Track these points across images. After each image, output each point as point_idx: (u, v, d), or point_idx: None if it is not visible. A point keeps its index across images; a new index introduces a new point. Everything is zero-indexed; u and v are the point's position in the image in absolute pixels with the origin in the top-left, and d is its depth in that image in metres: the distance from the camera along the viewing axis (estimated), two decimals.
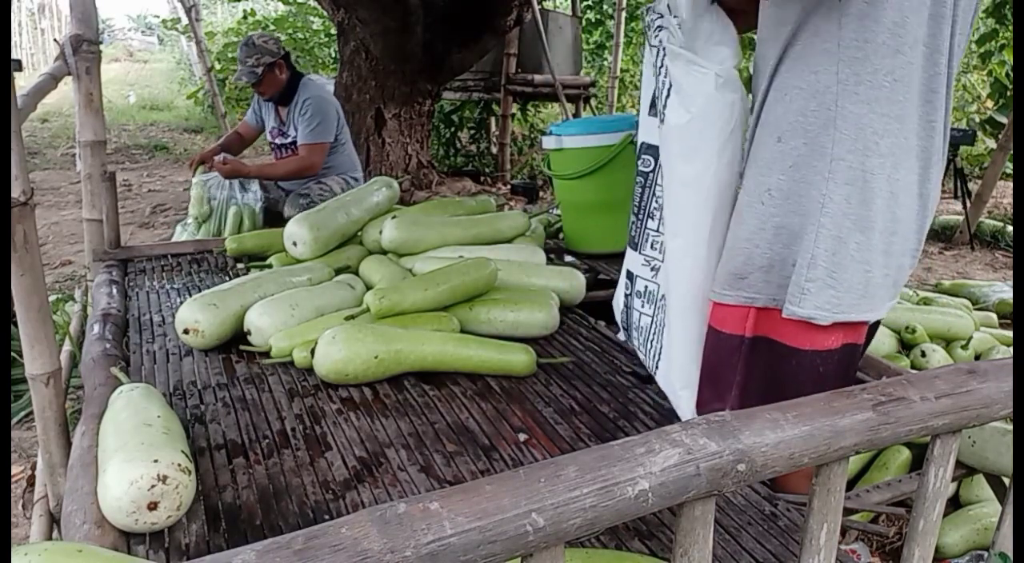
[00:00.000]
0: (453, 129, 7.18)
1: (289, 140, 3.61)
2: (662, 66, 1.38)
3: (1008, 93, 5.73)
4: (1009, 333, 2.97)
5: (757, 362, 1.29)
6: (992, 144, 6.12)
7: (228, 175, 3.41)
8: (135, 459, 1.13)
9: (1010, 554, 1.00)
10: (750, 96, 1.35)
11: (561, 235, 3.00)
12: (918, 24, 1.13)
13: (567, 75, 6.64)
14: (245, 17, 9.76)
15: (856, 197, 1.17)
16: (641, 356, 1.65)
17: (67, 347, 2.24)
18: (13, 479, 2.15)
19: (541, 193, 6.07)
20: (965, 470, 1.81)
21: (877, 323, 1.44)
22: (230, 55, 9.09)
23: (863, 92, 1.13)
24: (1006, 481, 1.76)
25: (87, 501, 1.15)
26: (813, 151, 1.17)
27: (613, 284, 2.67)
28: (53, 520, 1.60)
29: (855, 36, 1.12)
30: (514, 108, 6.95)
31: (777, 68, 1.22)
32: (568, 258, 2.84)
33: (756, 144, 1.27)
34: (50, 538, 1.60)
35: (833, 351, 1.25)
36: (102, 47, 2.49)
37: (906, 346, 2.68)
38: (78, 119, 2.42)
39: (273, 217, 3.51)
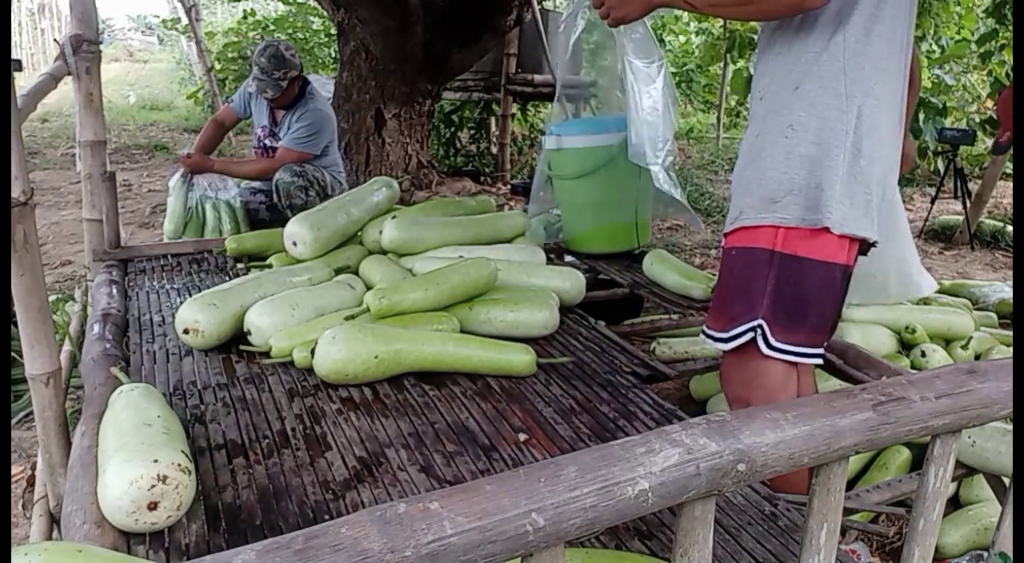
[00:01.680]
0: (453, 129, 7.16)
1: (279, 143, 3.60)
2: None
3: None
4: (1009, 333, 2.97)
5: (784, 274, 1.48)
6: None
7: (193, 168, 3.43)
8: (135, 459, 1.13)
9: (1010, 554, 1.00)
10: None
11: (561, 235, 3.00)
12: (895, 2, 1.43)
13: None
14: (245, 17, 9.75)
15: (858, 130, 1.43)
16: None
17: (67, 347, 2.24)
18: (13, 479, 2.15)
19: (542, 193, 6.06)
20: (965, 470, 1.81)
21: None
22: (230, 55, 9.08)
23: (862, 49, 1.42)
24: (1006, 481, 1.76)
25: (87, 501, 1.15)
26: (827, 92, 1.43)
27: (613, 284, 2.68)
28: (53, 520, 1.60)
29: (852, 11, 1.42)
30: (514, 108, 6.93)
31: (784, 41, 1.49)
32: (568, 258, 2.84)
33: (771, 93, 1.51)
34: (50, 538, 1.60)
35: (848, 266, 1.47)
36: (102, 47, 2.49)
37: (906, 346, 2.68)
38: (78, 119, 2.42)
39: (258, 223, 3.51)
